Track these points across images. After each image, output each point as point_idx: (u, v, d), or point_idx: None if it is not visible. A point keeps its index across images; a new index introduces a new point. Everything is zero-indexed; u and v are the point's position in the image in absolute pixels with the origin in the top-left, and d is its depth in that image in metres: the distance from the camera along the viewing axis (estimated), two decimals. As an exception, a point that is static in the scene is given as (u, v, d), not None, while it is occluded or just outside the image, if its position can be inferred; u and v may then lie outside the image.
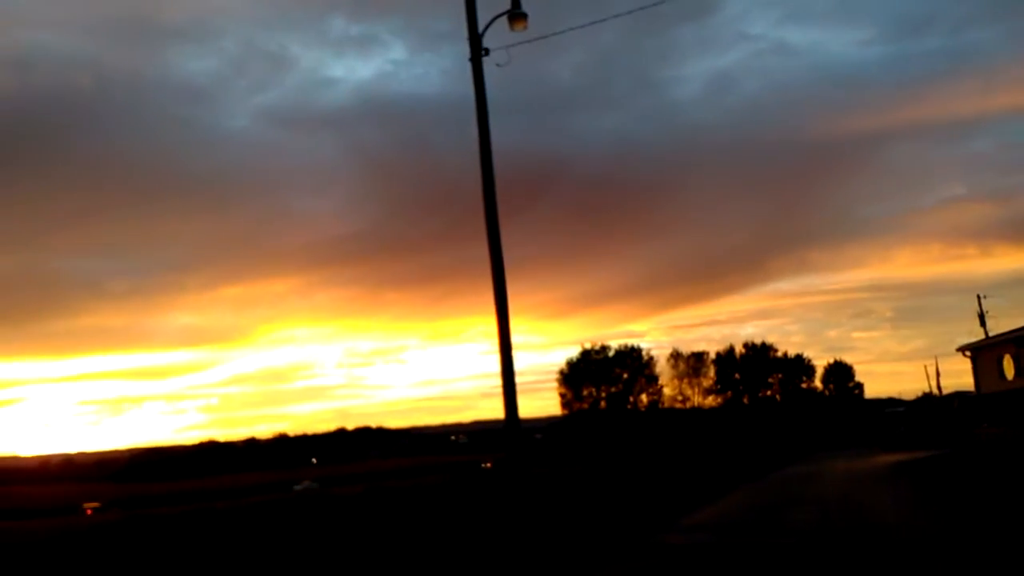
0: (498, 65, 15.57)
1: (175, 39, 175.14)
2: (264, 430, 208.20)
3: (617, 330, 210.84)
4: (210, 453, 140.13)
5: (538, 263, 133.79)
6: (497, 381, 14.95)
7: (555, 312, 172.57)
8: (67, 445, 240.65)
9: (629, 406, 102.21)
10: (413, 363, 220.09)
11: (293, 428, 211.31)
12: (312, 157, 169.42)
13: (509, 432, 15.16)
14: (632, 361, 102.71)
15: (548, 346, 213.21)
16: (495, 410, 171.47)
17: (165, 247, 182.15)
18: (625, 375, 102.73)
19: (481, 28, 15.73)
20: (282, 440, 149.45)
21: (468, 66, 15.84)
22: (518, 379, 15.17)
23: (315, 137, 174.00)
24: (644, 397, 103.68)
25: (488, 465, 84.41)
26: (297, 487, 79.56)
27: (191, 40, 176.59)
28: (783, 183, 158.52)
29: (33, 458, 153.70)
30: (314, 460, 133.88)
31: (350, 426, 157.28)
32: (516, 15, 15.37)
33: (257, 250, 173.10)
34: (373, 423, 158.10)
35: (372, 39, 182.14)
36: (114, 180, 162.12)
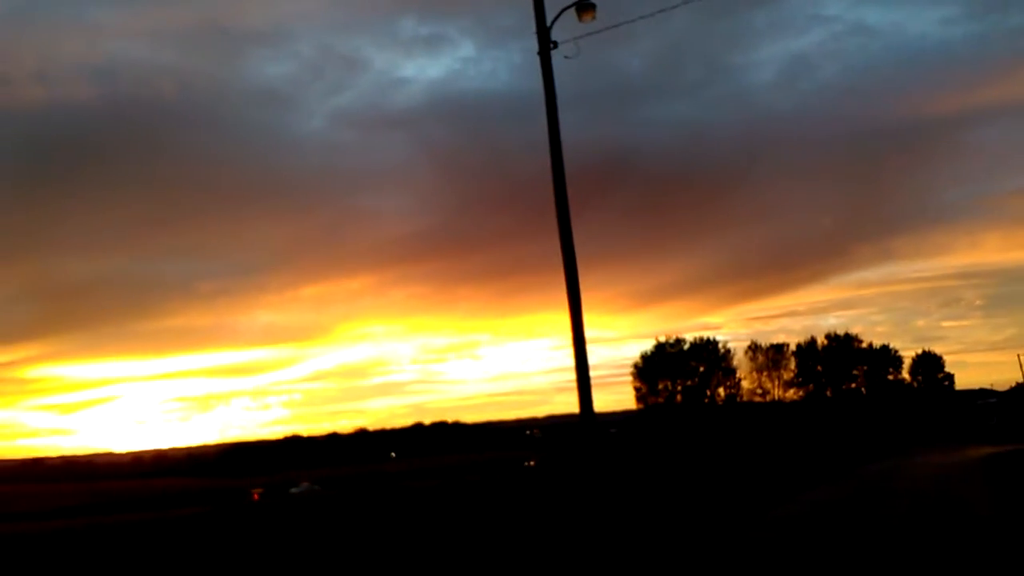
0: (567, 57, 15.52)
1: (254, 45, 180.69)
2: (345, 425, 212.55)
3: (692, 322, 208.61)
4: (294, 447, 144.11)
5: (610, 256, 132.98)
6: (571, 375, 14.94)
7: (628, 305, 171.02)
8: (159, 441, 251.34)
9: (706, 400, 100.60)
10: (486, 358, 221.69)
11: (372, 423, 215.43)
12: (385, 156, 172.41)
13: (584, 426, 15.12)
14: (708, 354, 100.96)
15: (621, 340, 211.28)
16: (569, 405, 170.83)
17: (248, 248, 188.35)
18: (701, 368, 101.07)
19: (549, 21, 15.70)
20: (362, 434, 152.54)
21: (536, 60, 15.83)
22: (592, 373, 15.13)
23: (387, 137, 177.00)
24: (721, 391, 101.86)
25: (531, 463, 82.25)
26: (295, 490, 72.02)
27: (269, 45, 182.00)
28: (863, 168, 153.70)
29: (127, 453, 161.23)
30: (393, 455, 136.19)
31: (427, 421, 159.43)
32: (584, 6, 15.28)
33: (334, 249, 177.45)
34: (449, 418, 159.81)
35: (441, 38, 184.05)
36: (199, 184, 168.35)
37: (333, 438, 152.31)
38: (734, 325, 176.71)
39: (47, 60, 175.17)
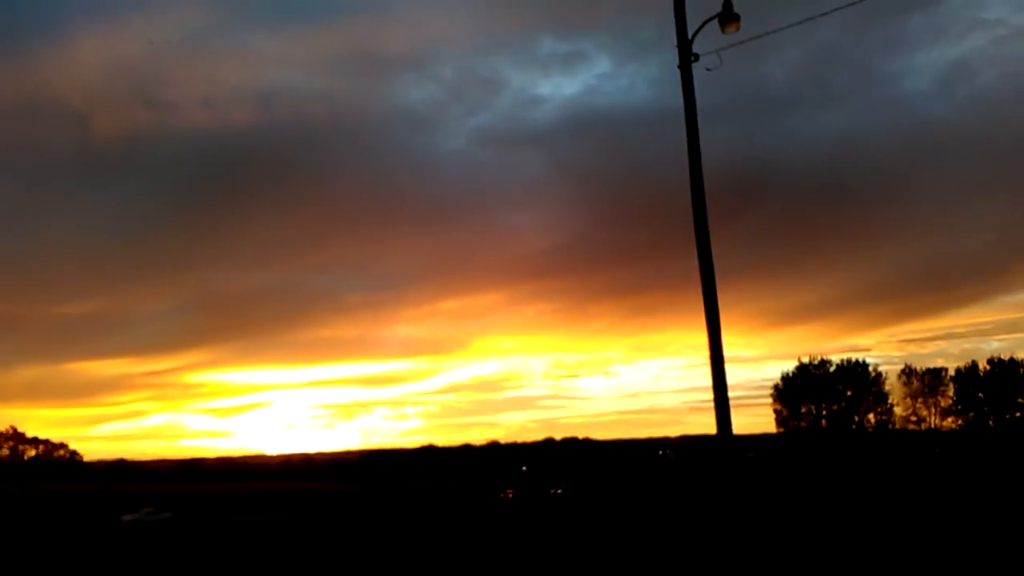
0: (708, 70, 15.11)
1: (399, 69, 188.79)
2: (477, 437, 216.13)
3: (838, 343, 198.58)
4: (430, 456, 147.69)
5: (750, 272, 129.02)
6: (705, 395, 14.51)
7: (769, 324, 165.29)
8: (306, 445, 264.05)
9: (854, 426, 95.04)
10: (619, 375, 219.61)
11: (504, 436, 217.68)
12: (521, 174, 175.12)
13: (722, 448, 14.58)
14: (857, 377, 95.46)
15: (761, 360, 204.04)
16: (703, 425, 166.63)
17: (390, 264, 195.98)
18: (849, 392, 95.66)
19: (690, 34, 15.38)
20: (494, 447, 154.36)
21: (676, 73, 15.52)
22: (729, 394, 14.57)
23: (524, 154, 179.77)
24: (871, 417, 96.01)
25: (559, 491, 77.03)
26: (128, 517, 57.82)
27: (413, 70, 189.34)
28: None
29: (277, 456, 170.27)
30: (524, 468, 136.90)
31: (557, 436, 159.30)
32: (728, 17, 14.85)
33: (470, 265, 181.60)
34: (580, 434, 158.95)
35: (578, 55, 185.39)
36: (347, 202, 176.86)
37: (466, 449, 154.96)
38: (886, 347, 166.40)
39: (211, 87, 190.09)
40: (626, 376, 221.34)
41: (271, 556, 22.99)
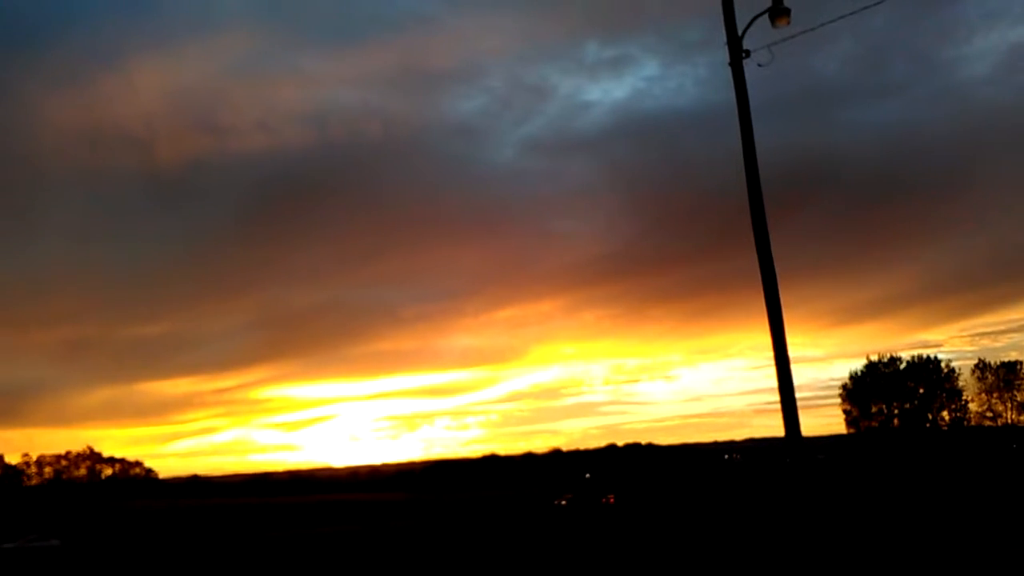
0: (760, 65, 14.90)
1: (449, 83, 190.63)
2: (539, 445, 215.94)
3: (908, 340, 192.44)
4: (492, 465, 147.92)
5: (813, 270, 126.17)
6: (771, 397, 14.26)
7: (834, 322, 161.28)
8: (371, 457, 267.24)
9: (927, 424, 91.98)
10: (680, 379, 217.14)
11: (565, 443, 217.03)
12: (573, 180, 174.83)
13: (791, 451, 14.25)
14: (928, 374, 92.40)
15: (828, 359, 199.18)
16: (769, 428, 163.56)
17: (445, 275, 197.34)
18: (921, 390, 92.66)
19: (740, 31, 15.17)
20: (556, 455, 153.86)
21: (727, 72, 15.33)
22: (796, 395, 14.25)
23: (575, 160, 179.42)
24: (945, 414, 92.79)
25: (563, 502, 73.97)
26: (8, 544, 49.89)
27: (463, 82, 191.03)
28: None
29: (344, 469, 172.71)
30: (587, 475, 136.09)
31: (620, 442, 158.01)
32: (779, 12, 14.63)
33: (525, 273, 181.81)
34: (642, 439, 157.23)
35: (625, 59, 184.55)
36: (399, 217, 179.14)
37: (528, 457, 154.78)
38: (957, 342, 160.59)
39: (268, 110, 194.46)
40: (688, 379, 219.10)
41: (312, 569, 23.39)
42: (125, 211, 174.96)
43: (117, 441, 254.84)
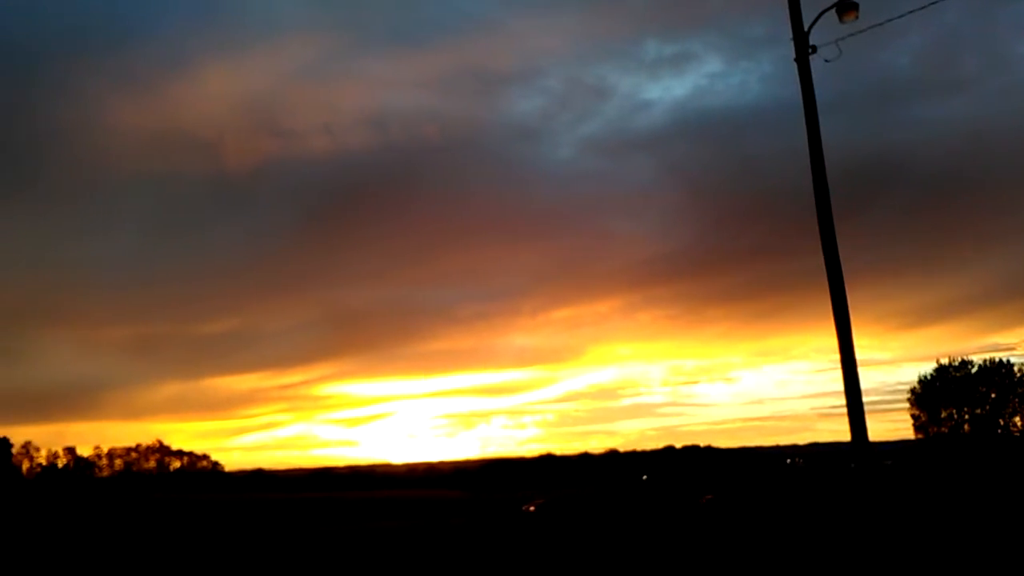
0: (827, 61, 14.62)
1: (506, 84, 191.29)
2: (595, 445, 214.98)
3: (979, 343, 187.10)
4: (548, 465, 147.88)
5: (880, 271, 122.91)
6: (834, 400, 13.99)
7: (902, 324, 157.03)
8: (429, 454, 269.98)
9: (999, 430, 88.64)
10: (740, 381, 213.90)
11: (622, 444, 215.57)
12: (631, 179, 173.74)
13: (858, 456, 13.93)
14: (1001, 378, 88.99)
15: (896, 362, 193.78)
16: (833, 432, 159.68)
17: (502, 275, 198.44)
18: (993, 394, 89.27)
19: (806, 26, 14.89)
20: (613, 455, 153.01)
21: (792, 67, 15.07)
22: (864, 398, 13.92)
23: (634, 159, 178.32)
24: (1018, 420, 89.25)
25: (531, 508, 68.89)
26: None
27: (520, 83, 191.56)
28: None
29: (402, 465, 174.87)
30: (644, 476, 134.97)
31: (678, 444, 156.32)
32: (846, 6, 14.34)
33: (582, 273, 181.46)
34: (701, 442, 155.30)
35: (686, 56, 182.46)
36: (458, 217, 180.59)
37: (584, 458, 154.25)
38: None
39: (330, 113, 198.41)
40: (749, 381, 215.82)
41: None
42: (193, 212, 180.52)
43: (185, 434, 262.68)
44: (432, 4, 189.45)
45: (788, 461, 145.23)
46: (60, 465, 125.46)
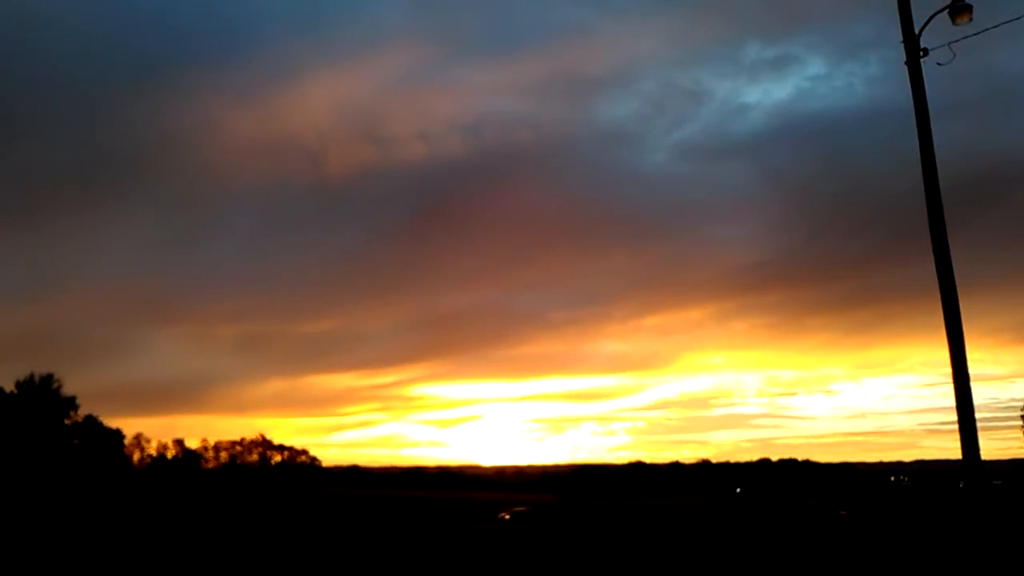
0: (939, 64, 14.15)
1: (601, 88, 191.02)
2: (687, 455, 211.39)
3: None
4: (638, 473, 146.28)
5: (995, 281, 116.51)
6: (945, 416, 13.48)
7: (1018, 338, 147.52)
8: (518, 457, 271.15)
9: None
10: (841, 394, 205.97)
11: (715, 455, 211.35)
12: (728, 185, 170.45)
13: (969, 475, 13.40)
14: None
15: (1011, 378, 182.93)
16: (942, 450, 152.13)
17: (594, 280, 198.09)
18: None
19: (917, 28, 14.46)
20: (705, 466, 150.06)
21: (900, 69, 14.65)
22: (976, 415, 13.38)
23: (731, 165, 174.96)
24: None
25: (506, 516, 66.12)
26: None
27: (615, 87, 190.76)
28: None
29: (491, 467, 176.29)
30: (738, 490, 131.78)
31: (774, 457, 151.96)
32: (960, 8, 13.86)
33: (675, 280, 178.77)
34: (799, 456, 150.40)
35: (788, 58, 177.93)
36: (551, 222, 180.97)
37: (675, 467, 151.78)
38: None
39: (427, 120, 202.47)
40: (850, 395, 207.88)
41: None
42: (297, 217, 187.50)
43: (286, 430, 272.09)
44: (526, 12, 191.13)
45: (892, 479, 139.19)
46: (169, 456, 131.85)
